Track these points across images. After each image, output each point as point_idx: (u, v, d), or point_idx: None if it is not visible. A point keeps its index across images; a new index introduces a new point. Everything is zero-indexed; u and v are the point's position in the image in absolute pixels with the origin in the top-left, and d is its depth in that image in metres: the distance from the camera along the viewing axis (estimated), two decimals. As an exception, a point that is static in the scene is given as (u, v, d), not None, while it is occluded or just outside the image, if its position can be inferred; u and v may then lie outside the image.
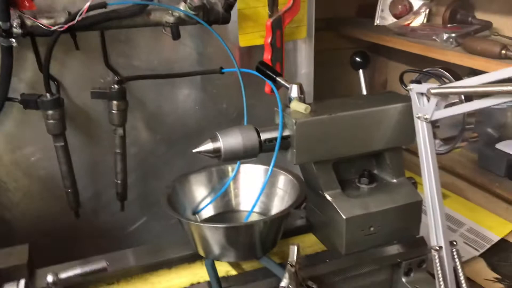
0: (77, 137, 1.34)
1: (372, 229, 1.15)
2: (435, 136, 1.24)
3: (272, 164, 1.06)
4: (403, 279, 1.19)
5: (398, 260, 1.17)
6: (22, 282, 0.73)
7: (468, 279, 1.49)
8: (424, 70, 1.21)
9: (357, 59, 1.35)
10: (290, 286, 0.98)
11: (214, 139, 1.03)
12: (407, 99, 1.12)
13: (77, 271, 0.77)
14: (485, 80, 0.91)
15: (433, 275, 1.05)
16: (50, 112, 1.20)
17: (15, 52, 1.16)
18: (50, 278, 0.74)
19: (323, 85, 1.67)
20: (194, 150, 1.03)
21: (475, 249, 1.59)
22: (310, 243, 1.26)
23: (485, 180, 1.65)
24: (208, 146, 1.03)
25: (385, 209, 1.15)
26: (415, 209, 1.18)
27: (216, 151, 1.03)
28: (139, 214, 1.51)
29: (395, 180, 1.21)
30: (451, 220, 1.73)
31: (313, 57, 1.57)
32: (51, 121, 1.21)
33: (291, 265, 0.96)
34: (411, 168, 1.42)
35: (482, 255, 1.57)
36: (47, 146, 1.29)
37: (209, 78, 1.48)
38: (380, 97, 1.22)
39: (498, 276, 1.48)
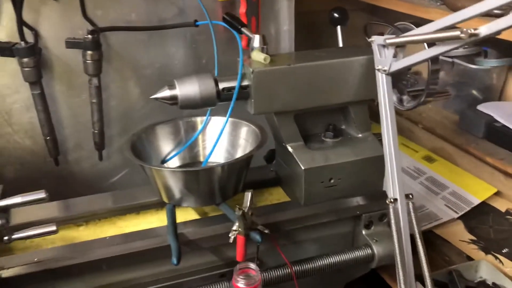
0: (56, 86, 1.38)
1: (332, 181, 1.16)
2: (403, 92, 1.23)
3: (229, 112, 1.08)
4: (363, 232, 1.21)
5: (358, 212, 1.19)
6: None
7: (442, 239, 1.51)
8: (394, 24, 1.19)
9: (335, 15, 1.35)
10: (240, 229, 1.01)
11: (171, 86, 1.05)
12: (370, 52, 1.11)
13: (17, 199, 0.82)
14: (438, 26, 0.90)
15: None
16: (25, 59, 1.24)
17: (-9, 0, 1.20)
18: (-10, 204, 0.79)
19: (308, 46, 1.67)
20: (152, 97, 1.06)
21: (455, 211, 1.59)
22: (278, 196, 1.29)
23: (463, 141, 1.64)
24: (165, 92, 1.05)
25: (345, 161, 1.16)
26: (378, 163, 1.18)
27: (173, 98, 1.05)
28: (121, 166, 1.55)
29: (360, 135, 1.22)
30: (434, 184, 1.73)
31: (293, 14, 1.55)
32: (26, 69, 1.25)
33: (240, 209, 0.99)
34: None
35: (462, 218, 1.57)
36: (28, 95, 1.34)
37: (190, 33, 1.49)
38: (347, 50, 1.22)
39: (474, 238, 1.48)
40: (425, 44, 1.05)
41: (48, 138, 1.37)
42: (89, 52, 1.29)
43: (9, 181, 1.42)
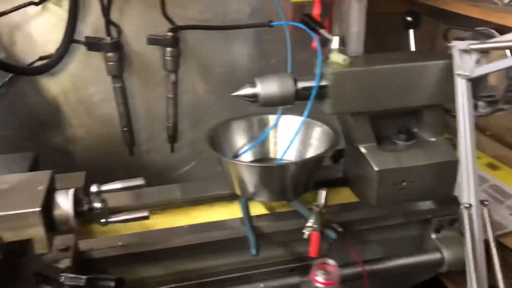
0: (134, 81, 1.45)
1: (404, 183, 1.17)
2: (478, 97, 1.22)
3: (305, 112, 1.10)
4: (433, 236, 1.21)
5: (428, 216, 1.19)
6: (72, 190, 0.84)
7: (505, 247, 1.48)
8: (475, 29, 1.18)
9: (408, 18, 1.35)
10: (315, 226, 1.04)
11: (253, 84, 1.09)
12: (448, 56, 1.11)
13: (117, 185, 0.87)
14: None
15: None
16: (109, 54, 1.31)
17: (82, -3, 1.28)
18: (94, 188, 0.85)
19: (377, 49, 1.67)
20: (233, 94, 1.10)
21: (521, 221, 1.55)
22: (345, 196, 1.30)
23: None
24: (246, 90, 1.09)
25: (418, 165, 1.16)
26: (450, 168, 1.17)
27: (254, 96, 1.09)
28: (189, 158, 1.61)
29: (433, 139, 1.22)
30: (498, 192, 1.69)
31: (364, 16, 1.55)
32: (111, 63, 1.32)
33: (317, 206, 1.01)
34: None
35: (527, 228, 1.53)
36: (108, 88, 1.42)
37: (261, 33, 1.52)
38: (423, 54, 1.22)
39: (541, 248, 1.45)
40: (507, 51, 1.04)
41: (125, 129, 1.44)
42: (168, 49, 1.35)
43: (86, 168, 1.50)
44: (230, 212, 1.25)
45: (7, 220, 0.77)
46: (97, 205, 0.86)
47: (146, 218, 0.90)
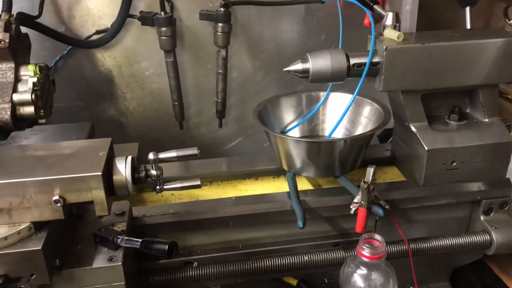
0: (185, 56, 1.48)
1: (454, 164, 1.15)
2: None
3: (357, 88, 1.10)
4: (482, 218, 1.19)
5: (478, 198, 1.17)
6: (129, 157, 0.88)
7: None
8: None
9: (465, -5, 1.31)
10: (363, 202, 1.04)
11: (304, 59, 1.09)
12: (507, 34, 1.08)
13: (173, 153, 0.90)
14: None
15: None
16: (163, 29, 1.34)
17: (137, -27, 1.31)
18: (151, 156, 0.88)
19: (430, 27, 1.63)
20: (285, 69, 1.10)
21: None
22: (393, 175, 1.30)
23: None
24: (297, 66, 1.09)
25: (470, 145, 1.14)
26: (504, 149, 1.15)
27: (305, 71, 1.09)
28: (236, 134, 1.64)
29: (486, 120, 1.19)
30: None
31: (418, -7, 1.53)
32: (164, 37, 1.35)
33: (364, 182, 1.02)
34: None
35: None
36: (160, 62, 1.45)
37: (311, 9, 1.52)
38: (480, 31, 1.19)
39: None
40: None
41: (176, 103, 1.47)
42: (220, 24, 1.37)
43: (137, 140, 1.55)
44: (276, 186, 1.27)
45: (70, 183, 0.82)
46: (154, 172, 0.90)
47: (198, 186, 0.93)
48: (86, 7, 1.39)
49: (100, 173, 0.81)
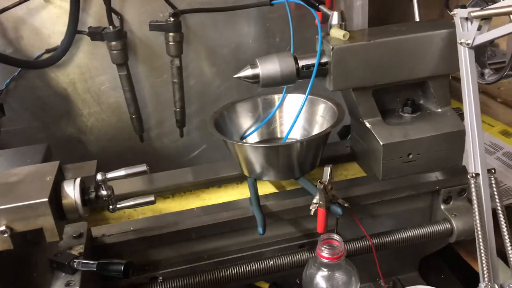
0: (140, 67, 1.47)
1: (411, 156, 1.16)
2: (485, 65, 1.20)
3: (308, 90, 1.10)
4: (442, 207, 1.21)
5: (437, 187, 1.19)
6: (78, 180, 0.87)
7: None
8: (478, -5, 1.16)
9: (412, -13, 1.32)
10: (321, 202, 1.04)
11: (253, 65, 1.09)
12: (452, 25, 1.09)
13: (122, 172, 0.89)
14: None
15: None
16: (113, 43, 1.32)
17: (82, -13, 1.29)
18: (99, 176, 0.87)
19: (382, 21, 1.65)
20: (235, 76, 1.10)
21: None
22: (354, 171, 1.31)
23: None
24: (247, 72, 1.09)
25: (425, 136, 1.15)
26: (458, 138, 1.17)
27: (255, 77, 1.09)
28: (199, 142, 1.63)
29: (439, 110, 1.21)
30: (512, 159, 1.68)
31: (367, -12, 1.54)
32: (115, 52, 1.34)
33: (321, 183, 1.02)
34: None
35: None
36: (114, 76, 1.44)
37: (264, 12, 1.52)
38: (426, 24, 1.20)
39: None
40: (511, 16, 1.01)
41: (133, 116, 1.46)
42: (171, 34, 1.36)
43: (97, 156, 1.53)
44: (240, 193, 1.26)
45: (17, 211, 0.80)
46: (104, 192, 0.88)
47: (152, 203, 0.92)
48: (34, 27, 1.37)
49: (47, 199, 0.80)
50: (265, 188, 1.24)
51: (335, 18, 1.13)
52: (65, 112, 1.48)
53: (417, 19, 1.33)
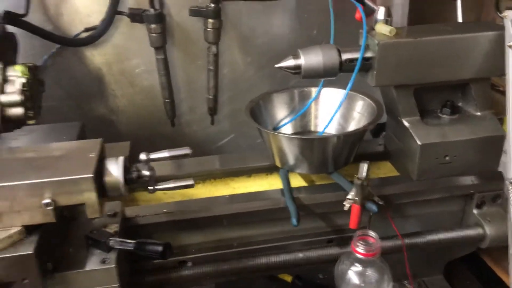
0: (176, 52, 1.46)
1: (447, 158, 1.15)
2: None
3: (350, 83, 1.09)
4: (475, 211, 1.20)
5: (471, 191, 1.18)
6: (121, 158, 0.87)
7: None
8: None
9: (456, -14, 1.30)
10: (357, 198, 1.04)
11: (296, 55, 1.08)
12: (500, 27, 1.07)
13: (165, 153, 0.90)
14: None
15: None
16: (153, 25, 1.32)
17: (125, -32, 1.29)
18: (142, 156, 0.87)
19: (421, 20, 1.62)
20: (276, 65, 1.09)
21: None
22: (386, 170, 1.30)
23: None
24: (289, 62, 1.08)
25: (463, 139, 1.14)
26: (496, 143, 1.15)
27: (297, 68, 1.08)
28: (228, 130, 1.63)
29: (479, 113, 1.19)
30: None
31: (409, -14, 1.52)
32: (154, 34, 1.34)
33: (358, 179, 1.01)
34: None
35: None
36: (150, 59, 1.44)
37: (302, 3, 1.50)
38: (472, 25, 1.18)
39: None
40: None
41: (167, 101, 1.46)
42: (210, 20, 1.35)
43: (128, 138, 1.53)
44: (269, 183, 1.26)
45: (61, 185, 0.80)
46: (146, 172, 0.89)
47: (191, 186, 0.92)
48: (74, 5, 1.37)
49: (92, 175, 0.80)
50: (296, 180, 1.24)
51: (381, 13, 1.11)
52: (98, 92, 1.48)
53: (460, 20, 1.31)
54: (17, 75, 0.97)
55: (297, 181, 1.24)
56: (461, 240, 1.18)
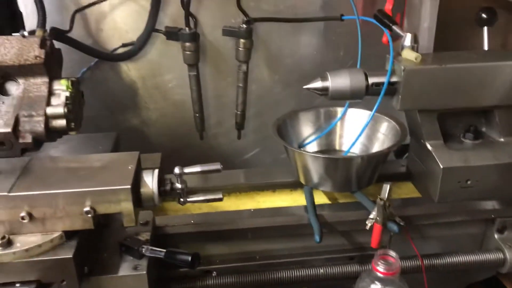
0: (207, 69, 1.53)
1: (469, 182, 1.17)
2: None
3: (375, 107, 1.13)
4: (496, 236, 1.21)
5: (492, 216, 1.19)
6: (156, 171, 0.92)
7: None
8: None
9: (483, 15, 1.34)
10: (378, 218, 1.07)
11: (324, 77, 1.13)
12: (525, 57, 1.10)
13: (197, 168, 0.95)
14: None
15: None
16: (187, 44, 1.39)
17: (163, -11, 1.36)
18: (177, 170, 0.92)
19: (447, 44, 1.65)
20: (305, 86, 1.14)
21: None
22: (408, 190, 1.32)
23: None
24: (317, 83, 1.13)
25: (485, 164, 1.16)
26: (520, 169, 1.17)
27: (324, 89, 1.13)
28: (253, 145, 1.68)
29: (502, 139, 1.21)
30: None
31: (436, 12, 1.55)
32: (188, 52, 1.40)
33: (381, 199, 1.05)
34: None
35: None
36: (182, 75, 1.50)
37: (331, 25, 1.55)
38: (497, 53, 1.21)
39: None
40: None
41: (197, 114, 1.52)
42: (242, 40, 1.41)
43: (158, 149, 1.59)
44: (293, 199, 1.30)
45: (101, 195, 0.86)
46: (179, 185, 0.94)
47: (220, 200, 0.97)
48: (113, 21, 1.44)
49: (129, 186, 0.86)
50: (319, 197, 1.27)
51: (408, 39, 1.15)
52: (132, 104, 1.55)
53: (486, 47, 1.34)
54: (61, 89, 1.03)
55: (320, 198, 1.27)
56: (480, 263, 1.19)
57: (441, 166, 1.15)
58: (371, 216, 1.08)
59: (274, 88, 1.62)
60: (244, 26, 1.40)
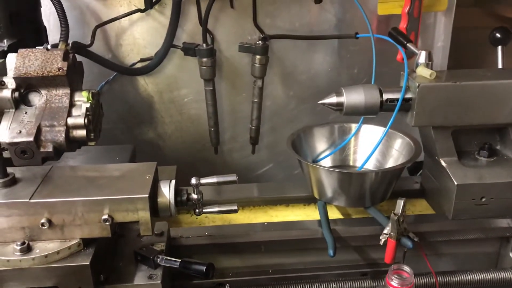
0: (223, 84, 1.55)
1: (484, 199, 1.17)
2: None
3: (390, 122, 1.14)
4: (511, 254, 1.20)
5: (507, 234, 1.19)
6: (173, 181, 0.94)
7: None
8: None
9: (497, 35, 1.35)
10: (392, 233, 1.07)
11: (339, 93, 1.14)
12: (540, 75, 1.11)
13: (214, 179, 0.96)
14: None
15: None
16: (204, 59, 1.42)
17: (182, 6, 1.39)
18: (193, 180, 0.94)
19: (461, 63, 1.66)
20: (320, 101, 1.15)
21: None
22: (421, 207, 1.32)
23: None
24: (332, 99, 1.14)
25: (500, 182, 1.16)
26: (534, 187, 1.17)
27: (339, 105, 1.14)
28: (267, 160, 1.69)
29: (517, 157, 1.21)
30: None
31: (450, 31, 1.57)
32: (204, 68, 1.43)
33: (395, 214, 1.05)
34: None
35: None
36: (198, 90, 1.53)
37: (345, 43, 1.57)
38: (510, 71, 1.22)
39: None
40: None
41: (212, 129, 1.54)
42: (258, 56, 1.44)
43: (173, 162, 1.61)
44: (306, 214, 1.31)
45: (119, 203, 0.88)
46: (195, 196, 0.95)
47: (235, 211, 0.98)
48: (133, 36, 1.48)
49: (147, 195, 0.87)
50: (332, 213, 1.28)
51: (422, 57, 1.16)
52: (149, 118, 1.58)
53: (500, 66, 1.35)
54: (82, 100, 1.06)
55: (333, 213, 1.28)
56: (495, 282, 1.18)
57: (456, 183, 1.15)
58: (385, 231, 1.09)
59: (288, 104, 1.64)
60: (260, 42, 1.42)
